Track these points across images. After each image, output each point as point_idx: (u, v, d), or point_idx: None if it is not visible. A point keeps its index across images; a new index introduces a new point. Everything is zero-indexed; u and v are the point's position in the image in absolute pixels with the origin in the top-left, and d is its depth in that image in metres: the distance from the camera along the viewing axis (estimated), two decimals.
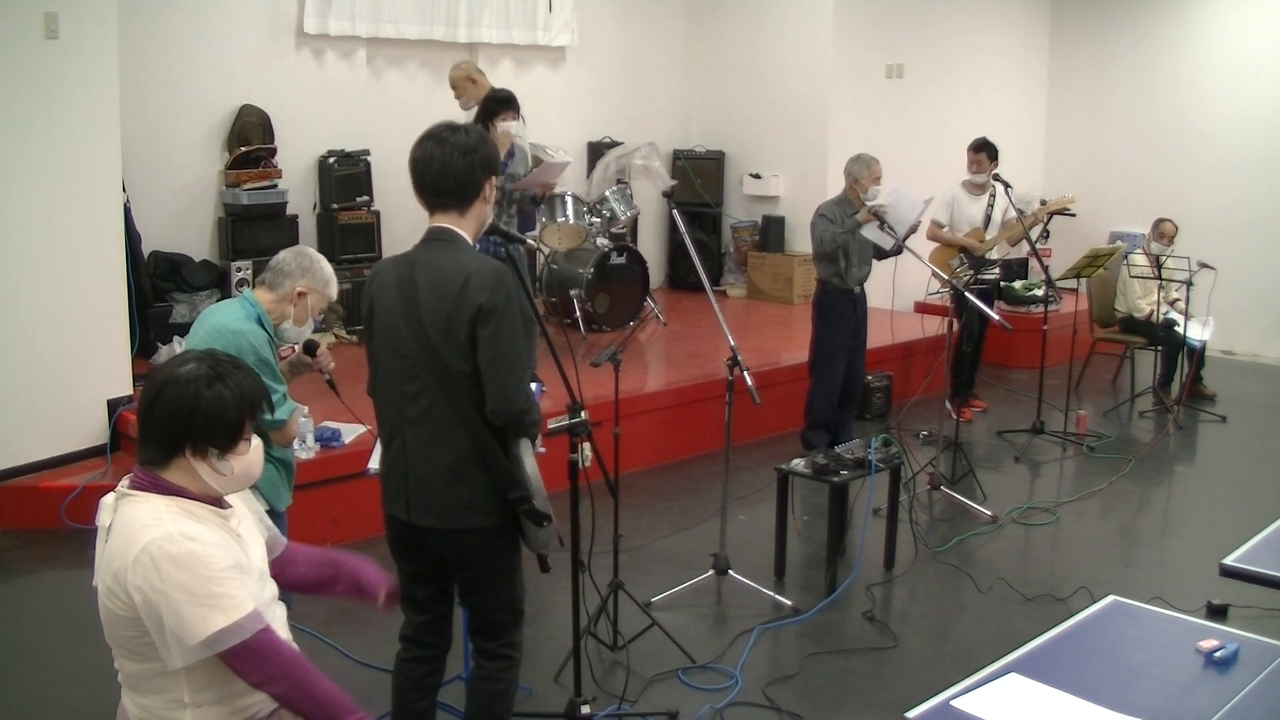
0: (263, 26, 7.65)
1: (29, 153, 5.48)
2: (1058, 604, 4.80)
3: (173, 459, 2.16)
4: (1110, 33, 10.69)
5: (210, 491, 2.20)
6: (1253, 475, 6.76)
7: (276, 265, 3.51)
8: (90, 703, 3.79)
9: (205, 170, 7.47)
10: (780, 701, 4.02)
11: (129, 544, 2.08)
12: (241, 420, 2.18)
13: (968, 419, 7.61)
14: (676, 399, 6.84)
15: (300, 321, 3.54)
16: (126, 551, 2.08)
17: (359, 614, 4.66)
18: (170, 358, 2.34)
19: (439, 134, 2.94)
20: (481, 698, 3.16)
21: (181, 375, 2.15)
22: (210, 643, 2.06)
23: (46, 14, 5.43)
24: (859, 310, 6.44)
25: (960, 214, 7.39)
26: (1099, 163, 10.75)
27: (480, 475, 2.91)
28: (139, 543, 2.07)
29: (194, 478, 2.17)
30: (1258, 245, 9.58)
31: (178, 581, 2.04)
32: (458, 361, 2.85)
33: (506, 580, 3.09)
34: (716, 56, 10.11)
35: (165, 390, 2.14)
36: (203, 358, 2.21)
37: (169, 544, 2.05)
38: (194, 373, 2.16)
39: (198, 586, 2.04)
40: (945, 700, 2.48)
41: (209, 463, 2.17)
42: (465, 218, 2.96)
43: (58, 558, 5.13)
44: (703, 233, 9.96)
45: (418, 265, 2.92)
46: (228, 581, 2.07)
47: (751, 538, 5.45)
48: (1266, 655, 2.72)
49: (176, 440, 2.14)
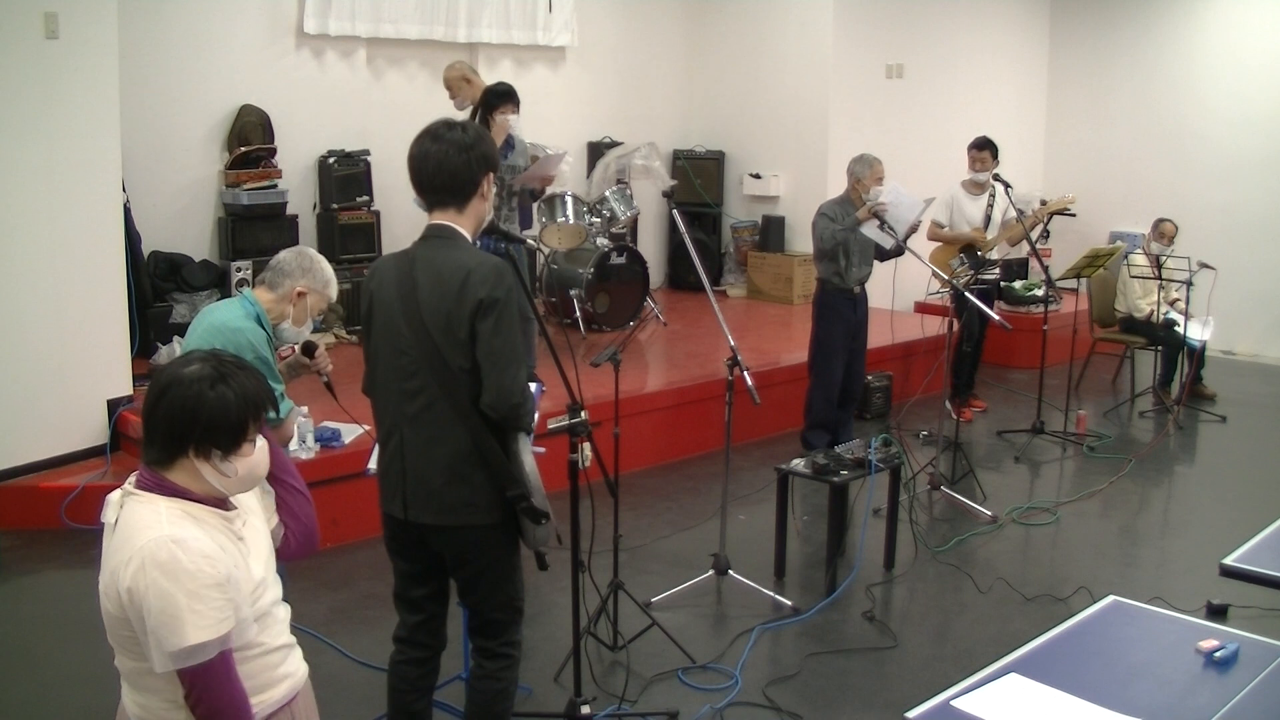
0: (263, 26, 7.65)
1: (29, 153, 5.48)
2: (1058, 604, 4.79)
3: (176, 460, 2.15)
4: (1110, 33, 10.69)
5: (214, 492, 2.18)
6: (1253, 475, 6.76)
7: (277, 265, 3.50)
8: (90, 703, 3.79)
9: (205, 170, 7.47)
10: (780, 701, 4.02)
11: (126, 544, 2.08)
12: (245, 422, 2.16)
13: (968, 419, 7.61)
14: (676, 399, 6.84)
15: (299, 322, 3.53)
16: (122, 551, 2.08)
17: (359, 614, 4.66)
18: (175, 358, 2.32)
19: (436, 131, 2.95)
20: (481, 697, 3.16)
21: (185, 376, 2.14)
22: (176, 656, 2.04)
23: (46, 14, 5.43)
24: (859, 310, 6.44)
25: (960, 214, 7.39)
26: (1099, 163, 10.75)
27: (479, 473, 2.91)
28: (135, 544, 2.07)
29: (197, 479, 2.16)
30: (1258, 245, 9.59)
31: (160, 589, 2.02)
32: (458, 358, 2.86)
33: (505, 579, 3.08)
34: (716, 56, 10.11)
35: (169, 391, 2.13)
36: (207, 358, 2.19)
37: (159, 549, 2.04)
38: (198, 373, 2.14)
39: (178, 598, 2.03)
40: (945, 700, 2.48)
41: (212, 464, 2.15)
42: (464, 214, 2.96)
43: (58, 558, 5.13)
44: (703, 233, 9.96)
45: (417, 263, 2.92)
46: (207, 599, 2.05)
47: (751, 538, 5.45)
48: (1266, 655, 2.72)
49: (180, 441, 2.13)
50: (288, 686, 2.27)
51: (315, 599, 4.74)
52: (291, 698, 2.28)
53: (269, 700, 2.22)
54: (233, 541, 2.19)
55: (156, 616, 2.03)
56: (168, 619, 2.02)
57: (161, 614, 2.02)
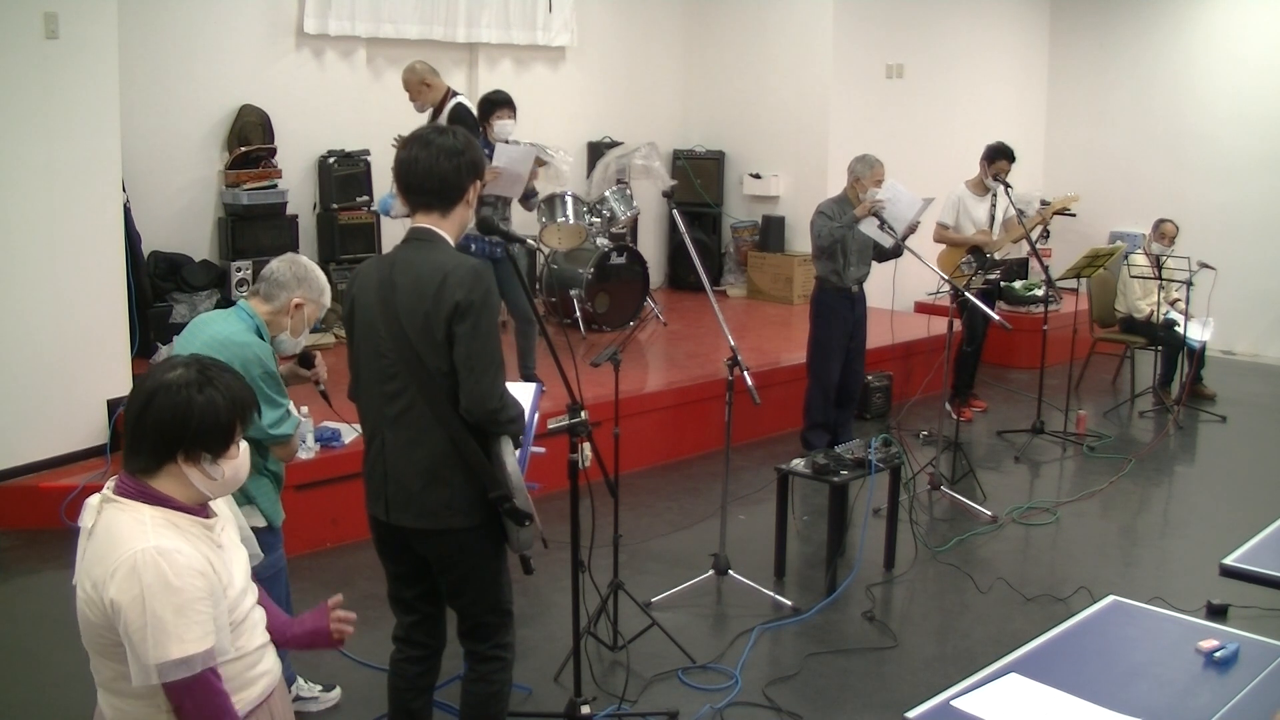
0: (262, 26, 7.65)
1: (29, 153, 5.48)
2: (1058, 604, 4.80)
3: (164, 466, 2.14)
4: (1110, 33, 10.69)
5: (199, 498, 2.18)
6: (1253, 475, 6.76)
7: (271, 276, 3.44)
8: (89, 703, 3.77)
9: (205, 170, 7.47)
10: (780, 701, 4.02)
11: (110, 553, 2.07)
12: (234, 424, 2.17)
13: (968, 419, 7.61)
14: (676, 399, 6.84)
15: (297, 333, 3.51)
16: (107, 561, 2.06)
17: (359, 614, 4.64)
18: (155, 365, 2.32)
19: (425, 137, 2.96)
20: (475, 700, 3.17)
21: (171, 381, 2.13)
22: (162, 670, 2.03)
23: (46, 14, 5.42)
24: (857, 309, 6.44)
25: (966, 215, 7.38)
26: (1099, 163, 10.75)
27: (459, 475, 2.90)
28: (120, 554, 2.05)
29: (184, 485, 2.16)
30: (1258, 245, 9.58)
31: (146, 603, 2.02)
32: (436, 361, 2.85)
33: (490, 582, 3.07)
34: (716, 56, 10.11)
35: (156, 397, 2.11)
36: (190, 363, 2.19)
37: (146, 561, 2.03)
38: (183, 378, 2.13)
39: (165, 612, 2.02)
40: (945, 700, 2.48)
41: (201, 468, 2.15)
42: (447, 219, 2.96)
43: (58, 558, 5.12)
44: (703, 233, 9.96)
45: (396, 265, 2.92)
46: (192, 613, 2.04)
47: (751, 538, 5.45)
48: (1266, 655, 2.72)
49: (169, 448, 2.12)
50: (265, 684, 2.28)
51: (315, 599, 4.71)
52: (268, 694, 2.29)
53: (247, 699, 2.23)
54: (213, 550, 2.18)
55: (141, 630, 2.02)
56: (153, 633, 2.01)
57: (146, 628, 2.01)
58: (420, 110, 6.48)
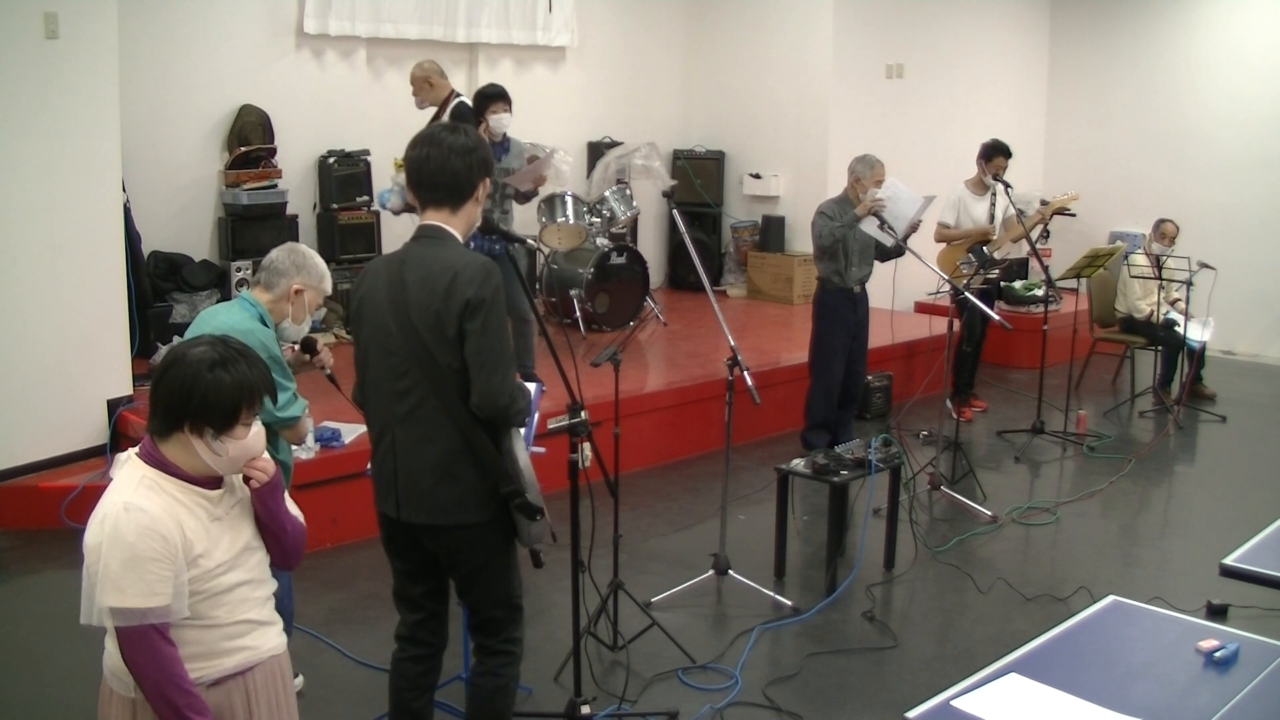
0: (262, 26, 7.65)
1: (29, 152, 5.48)
2: (1058, 604, 4.80)
3: (173, 432, 2.28)
4: (1110, 33, 10.69)
5: (204, 470, 2.30)
6: (1253, 475, 6.76)
7: (270, 265, 3.50)
8: (90, 703, 3.77)
9: (205, 170, 7.47)
10: (780, 701, 4.02)
11: (102, 502, 2.26)
12: (238, 406, 2.27)
13: (968, 419, 7.61)
14: (676, 399, 6.84)
15: (298, 319, 3.55)
16: (99, 508, 2.25)
17: (359, 614, 4.66)
18: (190, 339, 2.46)
19: (435, 135, 2.98)
20: (482, 694, 3.17)
21: (189, 356, 2.27)
22: (103, 613, 2.19)
23: (46, 14, 5.43)
24: (859, 310, 6.44)
25: (967, 214, 7.39)
26: (1099, 163, 10.75)
27: (470, 471, 2.92)
28: (103, 504, 2.24)
29: (190, 454, 2.29)
30: (1258, 245, 9.58)
31: (104, 550, 2.18)
32: (447, 358, 2.86)
33: (501, 576, 3.09)
34: (716, 56, 10.11)
35: (171, 368, 2.27)
36: (215, 343, 2.32)
37: (112, 514, 2.20)
38: (201, 355, 2.27)
39: (112, 562, 2.17)
40: (945, 700, 2.48)
41: (205, 441, 2.27)
42: (457, 216, 2.98)
43: (58, 558, 5.13)
44: (703, 233, 9.96)
45: (407, 263, 2.94)
46: (141, 569, 2.17)
47: (751, 538, 5.45)
48: (1266, 655, 2.72)
49: (176, 416, 2.26)
50: (243, 658, 2.37)
51: (315, 599, 4.73)
52: (246, 669, 2.37)
53: (220, 666, 2.32)
54: (203, 522, 2.29)
55: (93, 574, 2.20)
56: (101, 579, 2.18)
57: (98, 574, 2.19)
58: (420, 107, 6.49)
